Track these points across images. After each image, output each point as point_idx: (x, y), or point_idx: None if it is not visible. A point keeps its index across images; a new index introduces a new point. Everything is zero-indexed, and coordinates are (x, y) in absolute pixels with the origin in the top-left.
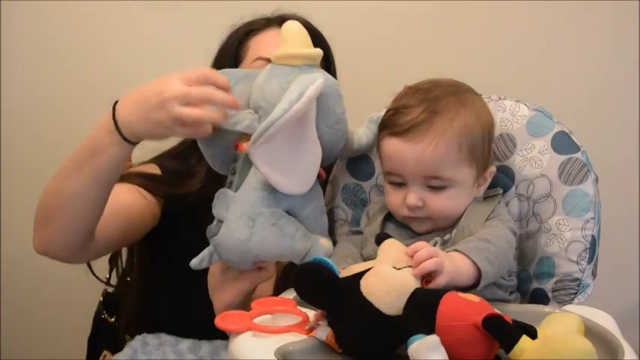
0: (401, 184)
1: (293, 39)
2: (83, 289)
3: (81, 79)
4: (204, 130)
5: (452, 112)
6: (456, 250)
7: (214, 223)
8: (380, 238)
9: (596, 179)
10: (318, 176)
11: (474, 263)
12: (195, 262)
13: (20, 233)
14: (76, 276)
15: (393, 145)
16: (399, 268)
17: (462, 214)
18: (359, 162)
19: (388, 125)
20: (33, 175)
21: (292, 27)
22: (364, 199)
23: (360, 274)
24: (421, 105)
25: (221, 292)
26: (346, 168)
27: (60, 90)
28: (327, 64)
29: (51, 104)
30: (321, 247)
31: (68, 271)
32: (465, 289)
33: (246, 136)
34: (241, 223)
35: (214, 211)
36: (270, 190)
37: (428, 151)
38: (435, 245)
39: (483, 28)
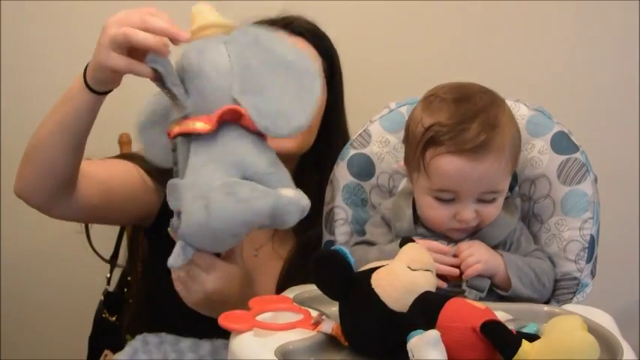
0: (450, 200)
1: (204, 15)
2: (84, 288)
3: None
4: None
5: (505, 126)
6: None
7: (174, 217)
8: (403, 242)
9: (595, 179)
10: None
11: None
12: (171, 261)
13: (20, 233)
14: (76, 275)
15: (453, 164)
16: (414, 269)
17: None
18: (359, 162)
19: (442, 142)
20: None
21: (200, 6)
22: (365, 199)
23: (374, 269)
24: (475, 120)
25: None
26: (347, 168)
27: (60, 90)
28: (332, 66)
29: (51, 104)
30: (285, 198)
31: (69, 270)
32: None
33: (176, 121)
34: (196, 206)
35: (171, 206)
36: (215, 161)
37: (492, 169)
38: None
39: (483, 27)
